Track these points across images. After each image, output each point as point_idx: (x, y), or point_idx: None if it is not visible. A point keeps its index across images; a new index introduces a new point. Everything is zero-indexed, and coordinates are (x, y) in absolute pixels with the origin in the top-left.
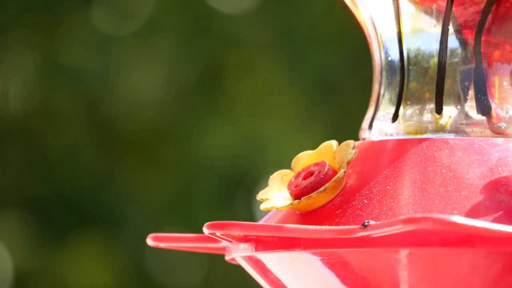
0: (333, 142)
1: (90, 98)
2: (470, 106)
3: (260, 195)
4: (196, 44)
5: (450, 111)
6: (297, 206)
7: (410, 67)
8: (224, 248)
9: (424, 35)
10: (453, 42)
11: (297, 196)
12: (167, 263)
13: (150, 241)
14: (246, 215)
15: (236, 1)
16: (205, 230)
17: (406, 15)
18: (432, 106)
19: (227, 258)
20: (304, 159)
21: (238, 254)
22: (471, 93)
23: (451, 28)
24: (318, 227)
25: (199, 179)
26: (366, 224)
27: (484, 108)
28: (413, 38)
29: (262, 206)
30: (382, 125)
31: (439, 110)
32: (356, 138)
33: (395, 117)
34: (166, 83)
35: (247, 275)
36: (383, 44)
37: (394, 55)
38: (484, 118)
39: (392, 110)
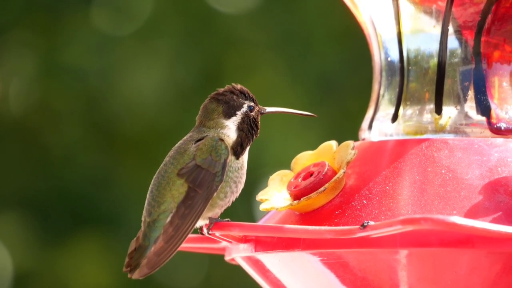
0: (333, 143)
1: (90, 98)
2: (470, 107)
3: (259, 196)
4: (196, 44)
5: (449, 112)
6: (297, 206)
7: (410, 68)
8: (224, 249)
9: (424, 35)
10: (453, 42)
11: (296, 196)
12: (167, 263)
13: None
14: (246, 215)
15: (236, 1)
16: (205, 230)
17: (406, 16)
18: (431, 106)
19: (227, 258)
20: (304, 159)
21: (238, 254)
22: (470, 93)
23: (451, 29)
24: (317, 227)
25: None
26: (365, 224)
27: (483, 108)
28: (413, 38)
29: (262, 207)
30: (382, 125)
31: (438, 111)
32: (355, 138)
33: (394, 118)
34: (166, 83)
35: (246, 275)
36: (383, 45)
37: (394, 56)
38: (483, 118)
39: (392, 110)
